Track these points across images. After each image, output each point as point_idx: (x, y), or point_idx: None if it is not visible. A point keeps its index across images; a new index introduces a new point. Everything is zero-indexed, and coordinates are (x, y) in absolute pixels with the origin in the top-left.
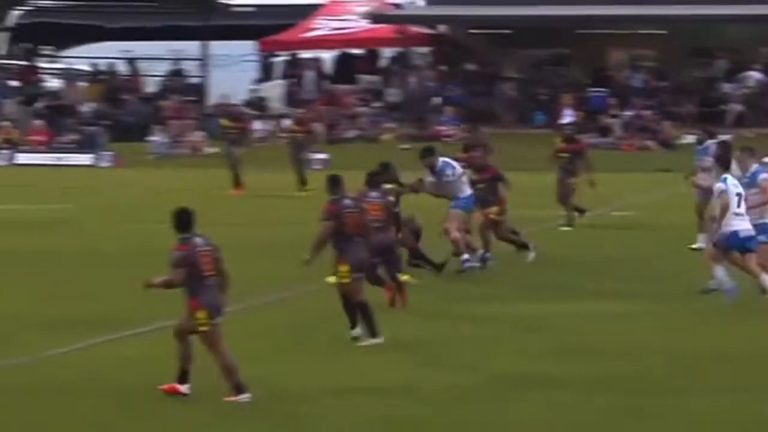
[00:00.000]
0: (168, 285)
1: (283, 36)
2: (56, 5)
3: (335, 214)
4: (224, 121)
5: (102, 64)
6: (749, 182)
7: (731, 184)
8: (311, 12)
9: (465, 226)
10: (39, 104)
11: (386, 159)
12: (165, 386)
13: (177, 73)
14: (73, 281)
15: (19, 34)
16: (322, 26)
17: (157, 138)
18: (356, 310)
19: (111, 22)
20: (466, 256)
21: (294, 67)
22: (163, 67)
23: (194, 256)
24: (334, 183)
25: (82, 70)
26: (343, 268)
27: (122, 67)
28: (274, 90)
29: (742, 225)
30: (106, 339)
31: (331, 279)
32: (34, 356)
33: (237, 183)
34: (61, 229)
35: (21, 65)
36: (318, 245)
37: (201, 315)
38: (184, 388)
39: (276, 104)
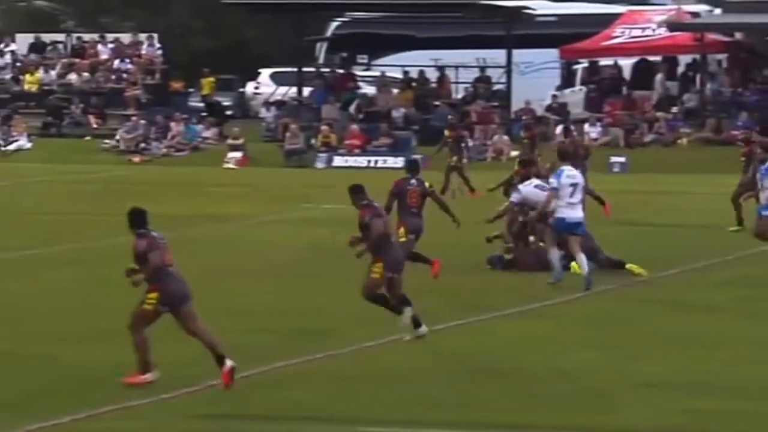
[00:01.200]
0: (149, 274)
1: (584, 44)
2: (371, 17)
3: (377, 214)
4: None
5: (413, 72)
6: None
7: (566, 176)
8: (611, 21)
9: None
10: (354, 110)
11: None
12: (128, 379)
13: (483, 80)
14: None
15: (336, 43)
16: (621, 34)
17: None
18: (389, 302)
19: (422, 32)
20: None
21: (594, 74)
22: (469, 75)
23: (156, 246)
24: (358, 190)
25: (394, 77)
26: (378, 265)
27: (431, 75)
28: (575, 96)
29: (571, 213)
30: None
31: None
32: (351, 347)
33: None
34: None
35: (338, 73)
36: (361, 242)
37: (153, 296)
38: (149, 377)
39: (576, 110)
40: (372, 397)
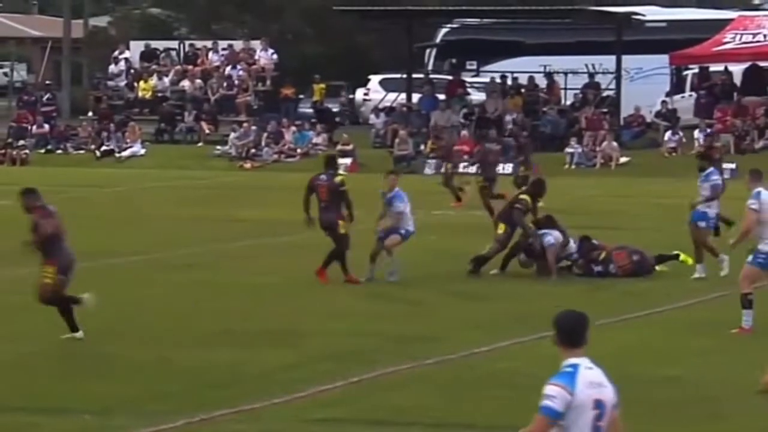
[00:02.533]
0: None
1: (694, 50)
2: (480, 23)
3: (47, 215)
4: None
5: (522, 78)
6: None
7: (405, 197)
8: (721, 26)
9: None
10: (464, 116)
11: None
12: None
13: (592, 86)
14: (498, 282)
15: (445, 49)
16: (731, 40)
17: (572, 149)
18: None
19: (530, 38)
20: None
21: (704, 80)
22: (578, 81)
23: None
24: (31, 192)
25: (504, 84)
26: (50, 269)
27: (540, 81)
28: (685, 102)
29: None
30: (532, 337)
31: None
32: (460, 353)
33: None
34: (485, 232)
35: (447, 79)
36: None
37: None
38: None
39: (686, 116)
40: (481, 403)
